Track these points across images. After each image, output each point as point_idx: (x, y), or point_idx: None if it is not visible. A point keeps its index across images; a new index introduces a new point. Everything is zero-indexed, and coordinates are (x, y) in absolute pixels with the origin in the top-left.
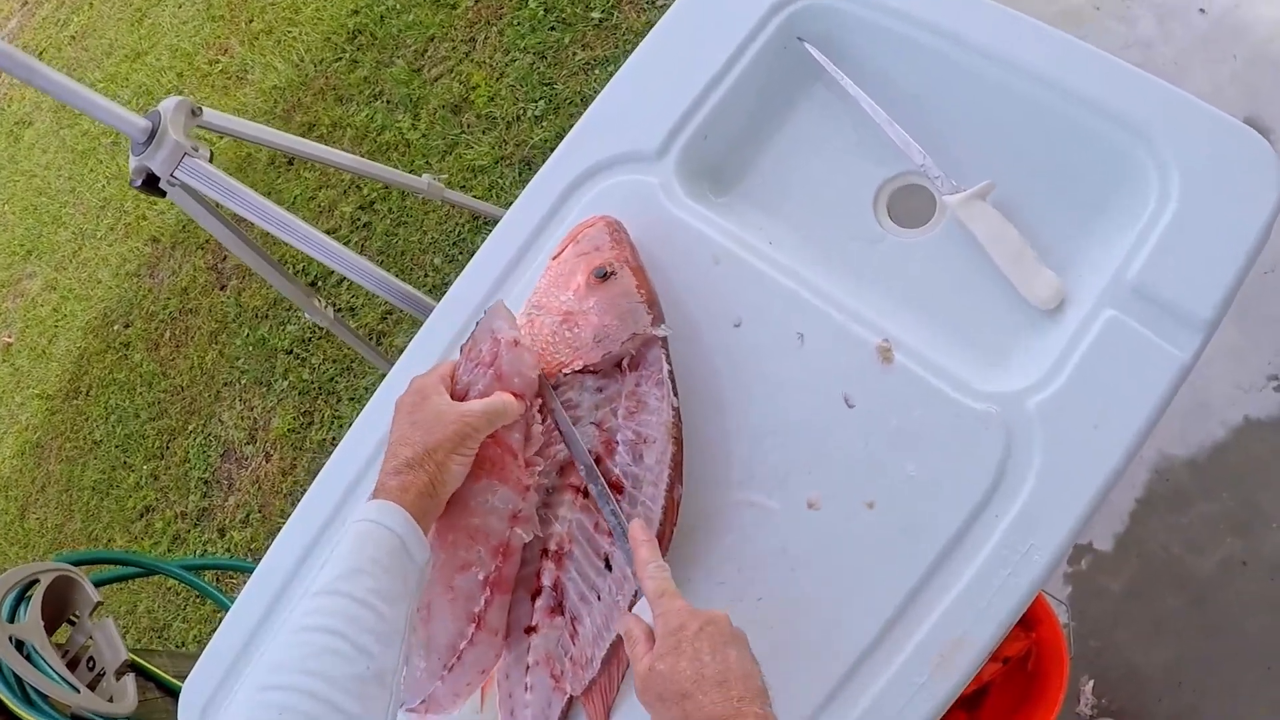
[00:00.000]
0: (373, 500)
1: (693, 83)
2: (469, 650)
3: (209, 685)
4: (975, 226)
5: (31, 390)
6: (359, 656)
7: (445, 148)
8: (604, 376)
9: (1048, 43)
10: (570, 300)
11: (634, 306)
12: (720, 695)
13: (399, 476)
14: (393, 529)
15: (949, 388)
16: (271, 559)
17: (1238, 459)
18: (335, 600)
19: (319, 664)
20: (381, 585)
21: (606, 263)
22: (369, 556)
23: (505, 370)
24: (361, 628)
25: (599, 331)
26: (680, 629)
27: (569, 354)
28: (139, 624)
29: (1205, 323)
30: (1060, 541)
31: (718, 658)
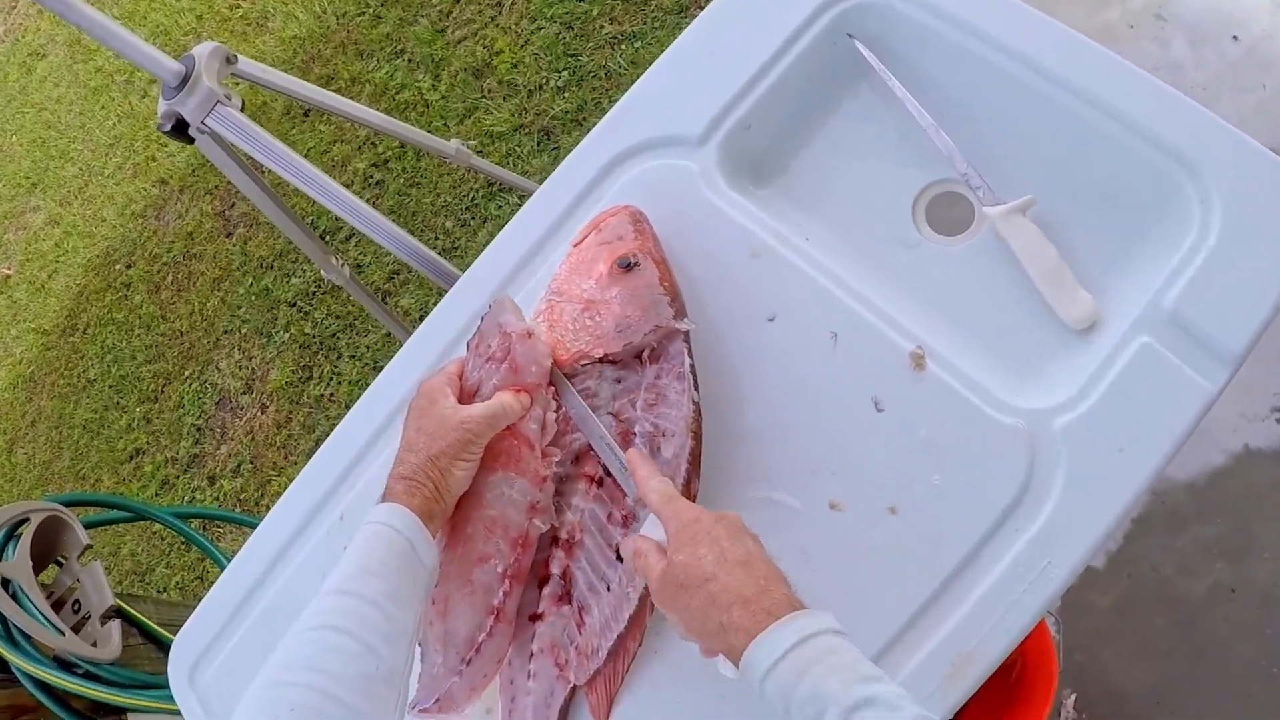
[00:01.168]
0: (382, 503)
1: (740, 71)
2: (488, 642)
3: (201, 642)
4: (1014, 240)
5: (28, 324)
6: (368, 655)
7: (464, 111)
8: (623, 367)
9: (1104, 64)
10: (592, 289)
11: (657, 299)
12: (745, 574)
13: (405, 482)
14: (401, 531)
15: (979, 400)
16: (272, 520)
17: (1236, 487)
18: (344, 600)
19: (328, 662)
20: (390, 587)
21: (630, 253)
22: (378, 558)
23: (520, 362)
24: (370, 628)
25: (621, 321)
26: (695, 522)
27: (590, 342)
28: (122, 566)
29: (1235, 357)
30: (1077, 561)
31: (737, 544)
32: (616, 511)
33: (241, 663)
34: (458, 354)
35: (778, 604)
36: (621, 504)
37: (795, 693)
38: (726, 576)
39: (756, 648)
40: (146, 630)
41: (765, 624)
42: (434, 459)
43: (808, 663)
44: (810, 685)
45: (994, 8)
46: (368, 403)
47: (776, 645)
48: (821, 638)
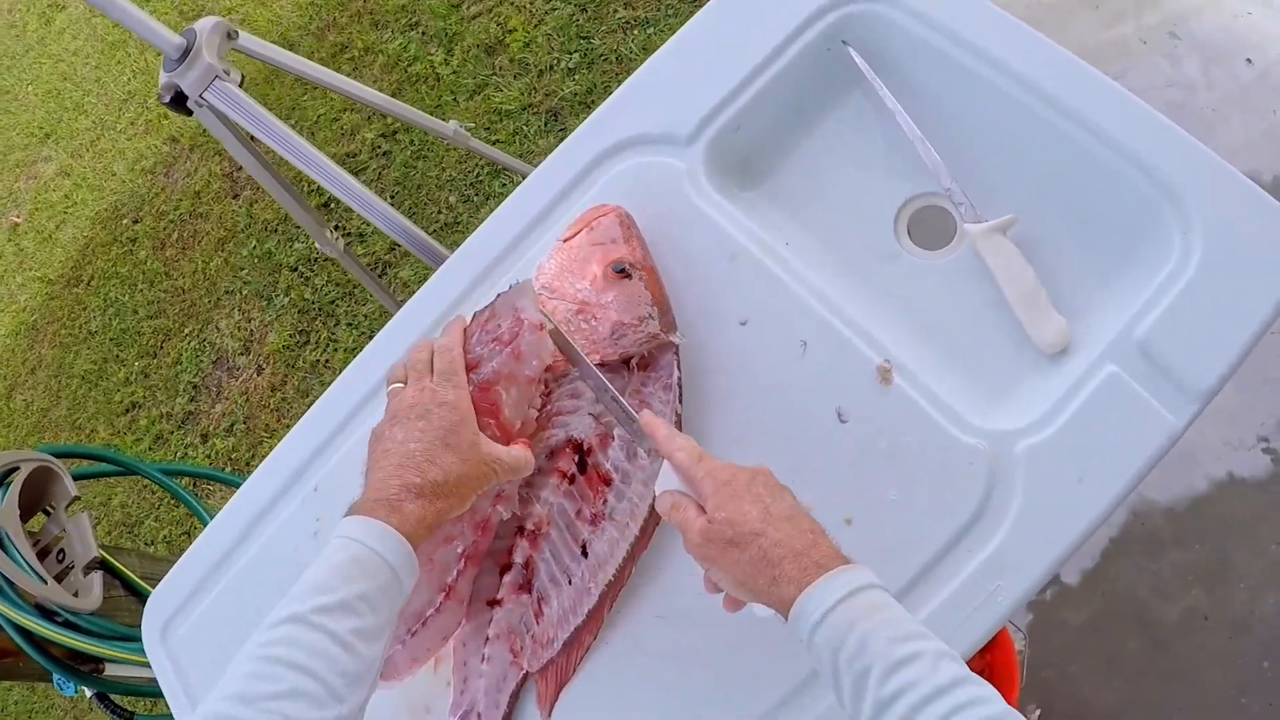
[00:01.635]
0: (374, 520)
1: (733, 71)
2: (435, 617)
3: (174, 601)
4: (992, 259)
5: (33, 272)
6: (329, 701)
7: (474, 87)
8: (610, 371)
9: (1096, 87)
10: (587, 290)
11: (649, 310)
12: (793, 528)
13: (421, 502)
14: (392, 564)
15: (942, 418)
16: (253, 484)
17: (1216, 514)
18: (314, 636)
19: (290, 707)
20: (365, 624)
21: (624, 258)
22: (359, 592)
23: (524, 351)
24: (337, 670)
25: (617, 328)
26: (733, 479)
27: (584, 346)
28: (111, 517)
29: (1203, 393)
30: (1026, 587)
31: (778, 498)
32: (586, 509)
33: (212, 624)
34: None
35: (827, 556)
36: (592, 501)
37: (844, 644)
38: (775, 531)
39: (807, 599)
40: (129, 583)
41: (815, 574)
42: (460, 483)
43: (856, 615)
44: (858, 637)
45: (990, 24)
46: (352, 375)
47: (826, 597)
48: (869, 592)
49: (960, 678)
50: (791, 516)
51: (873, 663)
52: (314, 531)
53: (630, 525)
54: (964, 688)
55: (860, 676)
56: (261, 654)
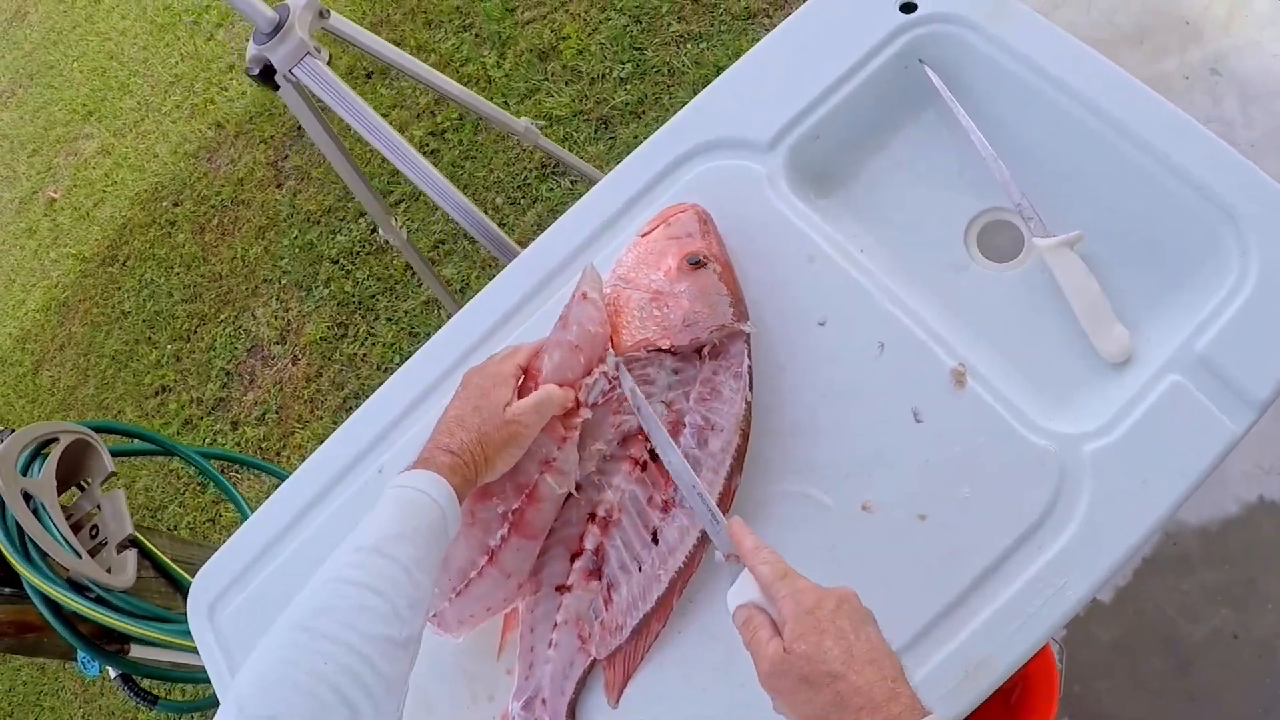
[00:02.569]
0: (421, 470)
1: (813, 83)
2: (477, 582)
3: (224, 579)
4: (1059, 273)
5: (68, 249)
6: (395, 620)
7: (526, 91)
8: (682, 359)
9: (1161, 114)
10: (661, 280)
11: (722, 298)
12: (876, 674)
13: (450, 456)
14: (439, 502)
15: (1014, 420)
16: (310, 466)
17: (1246, 536)
18: (380, 560)
19: (361, 621)
20: (420, 555)
21: (699, 250)
22: (413, 525)
23: (570, 319)
24: (400, 592)
25: (689, 316)
26: (816, 607)
27: (657, 332)
28: (135, 500)
29: (1261, 403)
30: (1093, 583)
31: (862, 636)
32: (657, 495)
33: (261, 606)
34: (509, 328)
35: (907, 710)
36: (663, 489)
37: None
38: (856, 677)
39: None
40: (159, 564)
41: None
42: (483, 444)
43: None
44: None
45: (1061, 50)
46: (414, 366)
47: None
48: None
49: None
50: (874, 660)
51: None
52: None
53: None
54: None
55: None
56: (332, 576)
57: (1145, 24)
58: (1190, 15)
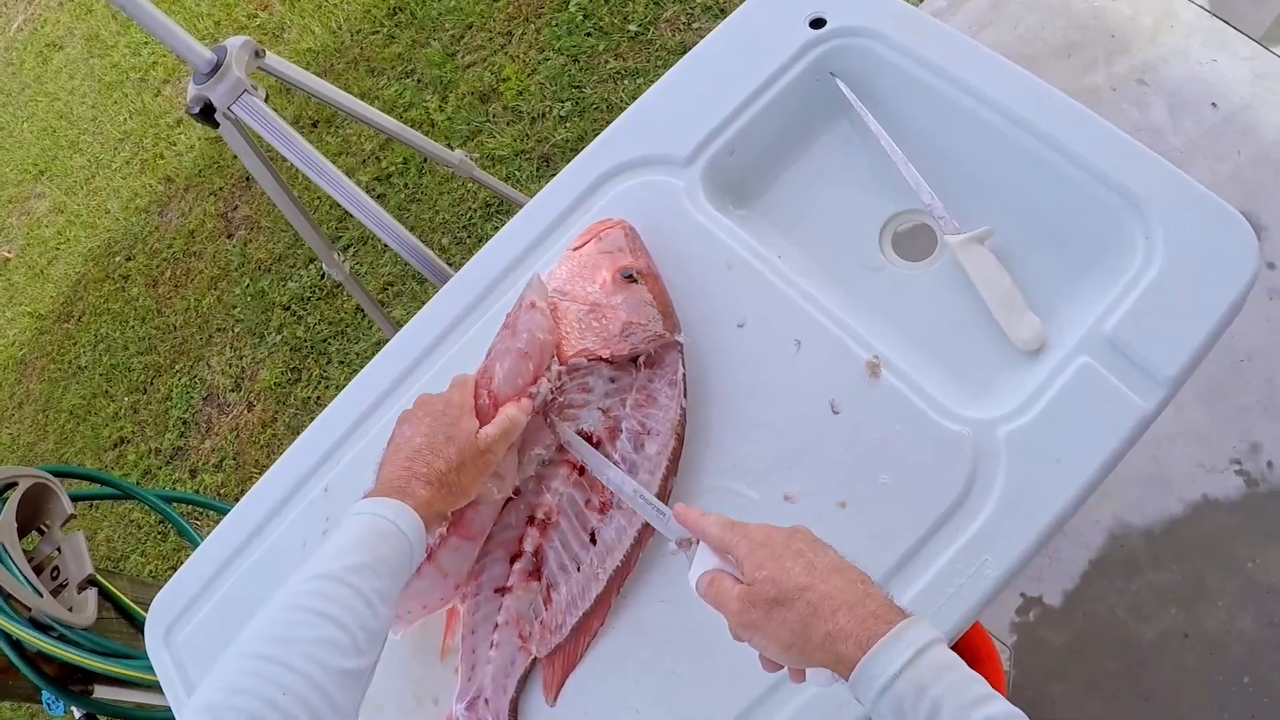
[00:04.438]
0: (394, 500)
1: (728, 99)
2: (415, 580)
3: (179, 602)
4: (971, 267)
5: (23, 308)
6: (353, 653)
7: (469, 133)
8: (618, 368)
9: (1062, 110)
10: (597, 293)
11: (654, 311)
12: (842, 580)
13: (429, 489)
14: (407, 535)
15: (928, 408)
16: (258, 490)
17: (1191, 535)
18: (343, 590)
19: (324, 653)
20: (384, 586)
21: (631, 265)
22: (380, 556)
23: (518, 327)
24: (362, 625)
25: (626, 327)
26: (769, 539)
27: (596, 343)
28: (98, 551)
29: (1169, 379)
30: (1013, 561)
31: (820, 553)
32: (595, 498)
33: (217, 626)
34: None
35: (883, 607)
36: (600, 491)
37: (915, 710)
38: (823, 584)
39: (871, 662)
40: (120, 605)
41: (875, 628)
42: (460, 471)
43: (925, 679)
44: (929, 705)
45: (963, 53)
46: (356, 388)
47: (892, 659)
48: (933, 650)
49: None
50: (839, 568)
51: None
52: (323, 531)
53: (637, 515)
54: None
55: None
56: (295, 604)
57: (1072, 39)
58: (1116, 28)
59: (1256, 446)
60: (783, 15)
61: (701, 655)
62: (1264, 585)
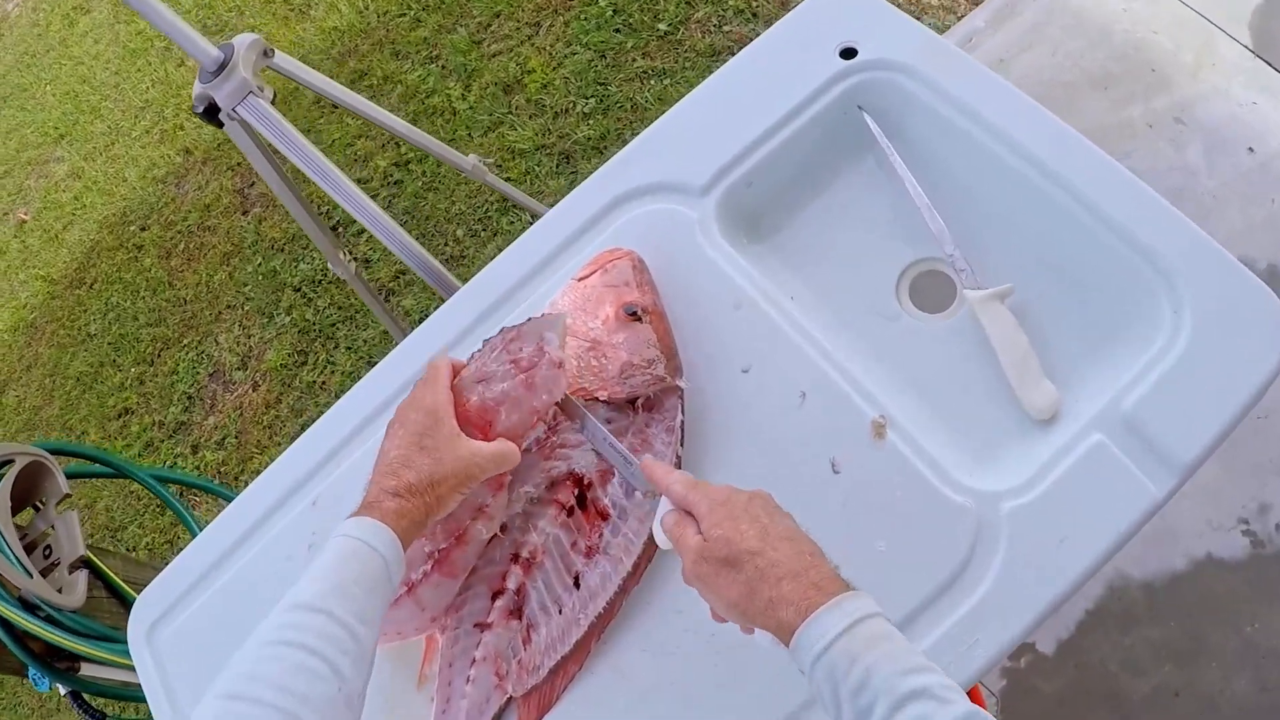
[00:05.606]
0: (364, 517)
1: (750, 128)
2: (393, 609)
3: (163, 602)
4: (989, 326)
5: (36, 271)
6: (333, 678)
7: (490, 124)
8: (615, 409)
9: (1098, 166)
10: (599, 329)
11: (658, 353)
12: (791, 549)
13: (398, 500)
14: (380, 552)
15: (932, 475)
16: (250, 494)
17: (1192, 592)
18: (315, 618)
19: (295, 682)
20: (361, 608)
21: (636, 302)
22: (352, 577)
23: (537, 383)
24: (338, 649)
25: (626, 368)
26: (730, 499)
27: (594, 382)
28: (96, 520)
29: (1185, 466)
30: (1004, 644)
31: (777, 519)
32: (582, 541)
33: (199, 629)
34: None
35: (826, 579)
36: (588, 535)
37: (847, 678)
38: (773, 551)
39: (808, 629)
40: (112, 585)
41: (815, 599)
42: (435, 483)
43: (859, 648)
44: (862, 671)
45: (999, 98)
46: (357, 395)
47: (829, 627)
48: (872, 621)
49: (969, 712)
50: (791, 537)
51: (876, 698)
52: (309, 544)
53: (624, 560)
54: None
55: (864, 713)
56: (269, 639)
57: (1111, 70)
58: (1157, 62)
59: (1266, 507)
60: (813, 43)
61: (681, 708)
62: (1262, 649)
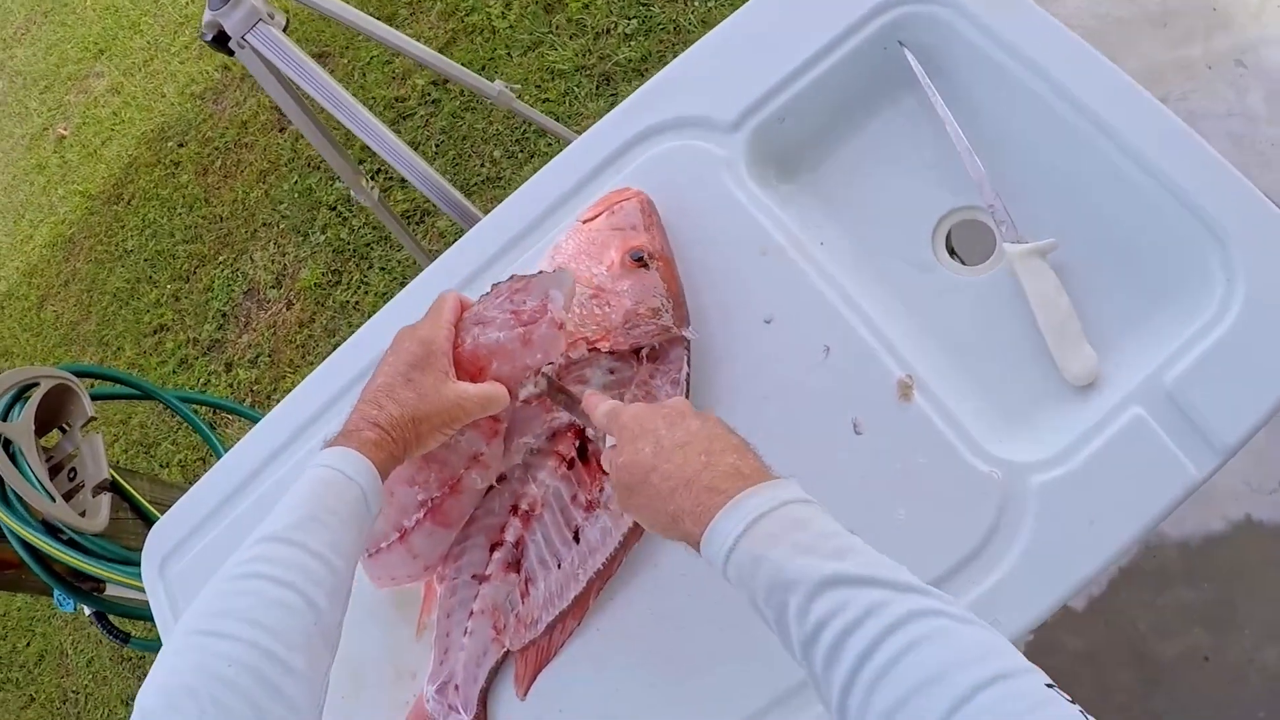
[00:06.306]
0: (341, 447)
1: (784, 61)
2: (385, 553)
3: (177, 534)
4: (1028, 282)
5: (75, 186)
6: (308, 611)
7: (529, 44)
8: (619, 359)
9: (1153, 117)
10: (603, 276)
11: (664, 302)
12: (682, 457)
13: (377, 430)
14: (357, 481)
15: (959, 442)
16: (267, 426)
17: (1228, 555)
18: (288, 550)
19: (269, 616)
20: (337, 538)
21: (643, 247)
22: (328, 507)
23: (534, 341)
24: (313, 580)
25: (630, 318)
26: (634, 420)
27: (596, 332)
28: (130, 436)
29: (1227, 448)
30: (1023, 624)
31: (675, 429)
32: (582, 494)
33: (211, 561)
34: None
35: (723, 477)
36: (589, 488)
37: (754, 580)
38: (665, 464)
39: (709, 539)
40: (137, 506)
41: (712, 503)
42: (417, 421)
43: (761, 546)
44: (769, 570)
45: (1051, 40)
46: (373, 329)
47: (728, 531)
48: (778, 513)
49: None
50: (685, 443)
51: (789, 596)
52: None
53: (625, 517)
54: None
55: (780, 614)
56: (238, 572)
57: (1171, 6)
58: (1219, 2)
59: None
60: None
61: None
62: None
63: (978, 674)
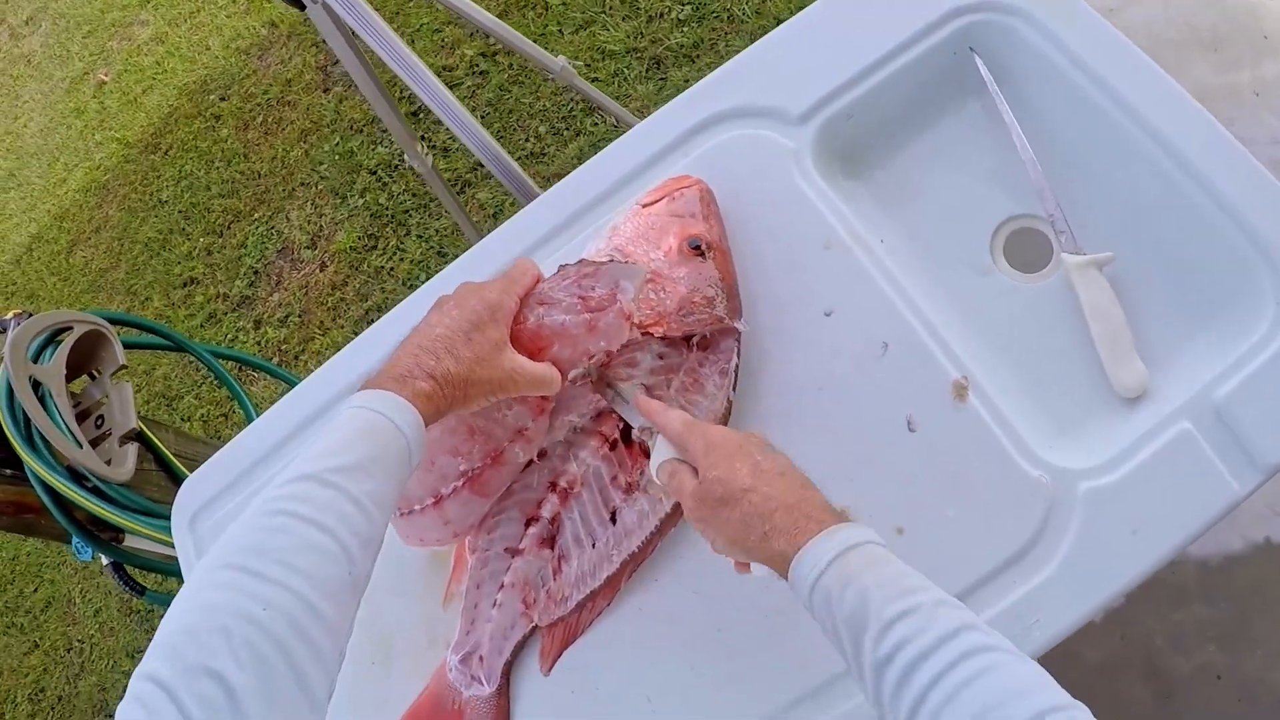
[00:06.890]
0: (388, 391)
1: (856, 58)
2: (417, 515)
3: (210, 489)
4: (1084, 293)
5: (112, 133)
6: (343, 559)
7: (582, 22)
8: (669, 345)
9: (1212, 138)
10: (660, 261)
11: (719, 292)
12: (784, 483)
13: (431, 383)
14: (404, 432)
15: (1010, 445)
16: (307, 387)
17: (1246, 576)
18: (330, 494)
19: (305, 560)
20: (378, 488)
21: (701, 236)
22: (373, 455)
23: (600, 328)
24: (350, 529)
25: (685, 305)
26: (724, 441)
27: (650, 316)
28: (153, 387)
29: (1270, 466)
30: (1063, 627)
31: (769, 458)
32: (622, 476)
33: None
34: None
35: (819, 510)
36: (629, 470)
37: (841, 603)
38: (766, 487)
39: (802, 558)
40: (162, 458)
41: (808, 529)
42: (469, 383)
43: (852, 572)
44: (855, 594)
45: (1120, 57)
46: (423, 295)
47: (821, 554)
48: (866, 548)
49: (961, 625)
50: (784, 473)
51: (868, 621)
52: None
53: (663, 501)
54: (966, 635)
55: (857, 636)
56: (274, 508)
57: (1222, 31)
58: (1270, 29)
59: None
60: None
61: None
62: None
63: (1037, 703)
